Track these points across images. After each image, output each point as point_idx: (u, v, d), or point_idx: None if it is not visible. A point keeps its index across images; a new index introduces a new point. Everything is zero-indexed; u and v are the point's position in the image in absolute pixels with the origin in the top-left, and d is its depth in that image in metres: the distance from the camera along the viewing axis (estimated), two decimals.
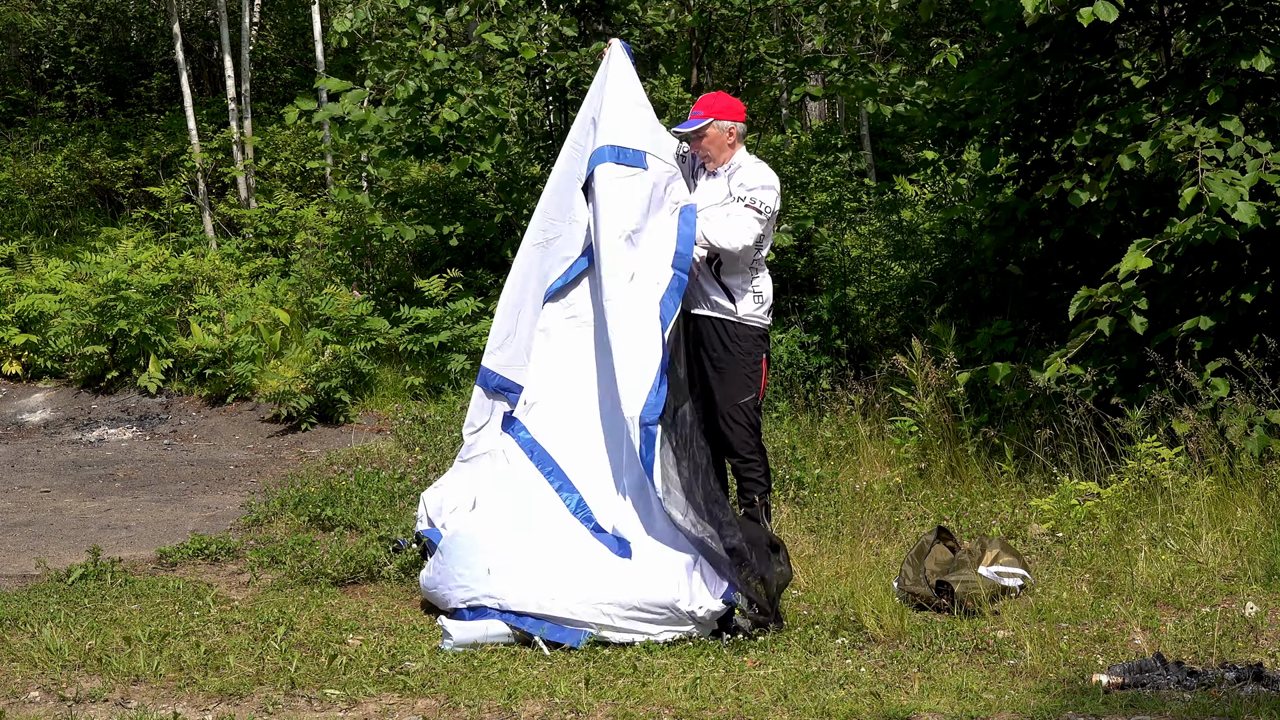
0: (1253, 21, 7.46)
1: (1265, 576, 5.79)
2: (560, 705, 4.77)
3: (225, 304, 10.97)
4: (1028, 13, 6.82)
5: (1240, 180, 6.60)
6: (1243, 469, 6.49)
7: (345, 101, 9.84)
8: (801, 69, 10.55)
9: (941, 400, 7.54)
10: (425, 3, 9.87)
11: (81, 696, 4.86)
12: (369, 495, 7.52)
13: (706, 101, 6.37)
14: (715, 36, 11.07)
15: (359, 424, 9.84)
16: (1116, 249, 7.32)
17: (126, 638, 5.40)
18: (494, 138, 10.07)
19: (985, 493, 7.19)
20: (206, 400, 10.52)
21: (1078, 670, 5.00)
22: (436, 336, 10.10)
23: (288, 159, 13.85)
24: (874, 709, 4.68)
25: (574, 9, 10.83)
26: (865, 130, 13.40)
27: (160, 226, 13.60)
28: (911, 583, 5.88)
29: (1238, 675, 4.78)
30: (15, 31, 15.81)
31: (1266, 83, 7.38)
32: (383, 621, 5.78)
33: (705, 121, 6.29)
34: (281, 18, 16.73)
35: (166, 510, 8.04)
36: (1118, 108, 7.44)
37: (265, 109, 15.27)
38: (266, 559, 6.63)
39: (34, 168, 14.15)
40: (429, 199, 11.30)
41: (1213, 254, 7.31)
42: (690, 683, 4.97)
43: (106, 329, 10.49)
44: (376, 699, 4.86)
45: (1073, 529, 6.46)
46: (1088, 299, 6.89)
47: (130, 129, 15.13)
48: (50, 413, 10.48)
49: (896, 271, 10.10)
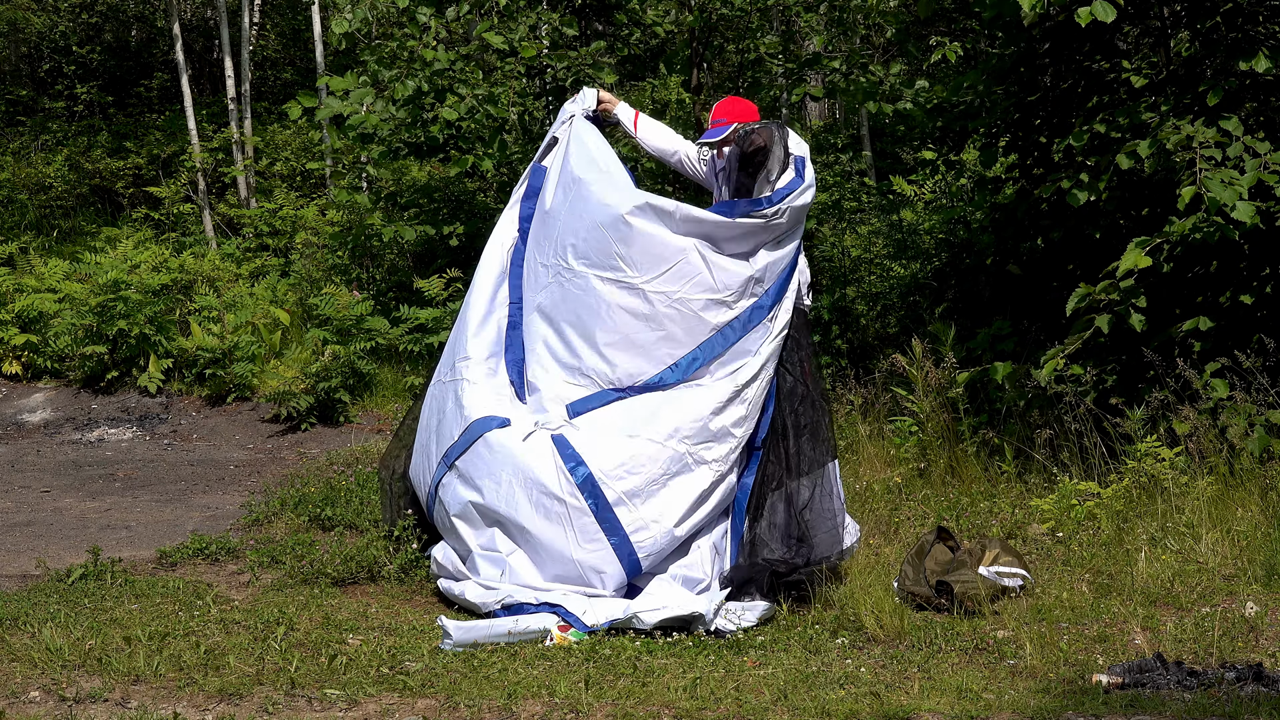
0: (1252, 22, 7.46)
1: (1265, 576, 5.79)
2: (560, 705, 4.77)
3: (225, 304, 10.97)
4: (1025, 12, 6.82)
5: (1239, 180, 6.60)
6: (1243, 469, 6.49)
7: (354, 98, 9.83)
8: (801, 69, 10.55)
9: (941, 400, 7.54)
10: (425, 3, 9.87)
11: (81, 696, 4.86)
12: (369, 495, 7.52)
13: (725, 108, 6.44)
14: (715, 36, 11.06)
15: (359, 424, 9.84)
16: (1116, 249, 7.32)
17: (126, 638, 5.40)
18: (494, 138, 10.07)
19: (985, 493, 7.19)
20: (206, 400, 10.52)
21: (1078, 670, 5.00)
22: (436, 336, 10.09)
23: (288, 159, 13.85)
24: (874, 709, 4.68)
25: (574, 9, 10.83)
26: (865, 130, 13.41)
27: (160, 226, 13.59)
28: (911, 583, 5.88)
29: (1238, 675, 4.78)
30: (16, 31, 15.81)
31: (1266, 83, 7.37)
32: (383, 621, 5.78)
33: (730, 127, 6.34)
34: (282, 18, 16.74)
35: (166, 510, 8.04)
36: (1117, 108, 7.44)
37: (265, 109, 15.27)
38: (266, 559, 6.63)
39: (34, 168, 14.14)
40: (429, 199, 11.30)
41: (1212, 254, 7.31)
42: (690, 683, 4.97)
43: (106, 329, 10.49)
44: (376, 699, 4.86)
45: (1073, 529, 6.46)
46: (1086, 296, 6.89)
47: (130, 129, 15.13)
48: (50, 413, 10.48)
49: (896, 271, 10.10)
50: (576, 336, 6.13)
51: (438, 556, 6.27)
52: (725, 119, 6.36)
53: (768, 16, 11.24)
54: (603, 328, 6.06)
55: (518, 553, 5.93)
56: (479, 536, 6.04)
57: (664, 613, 5.63)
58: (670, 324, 6.00)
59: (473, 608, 5.89)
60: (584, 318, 6.11)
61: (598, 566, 5.82)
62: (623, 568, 5.83)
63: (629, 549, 5.82)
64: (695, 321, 5.99)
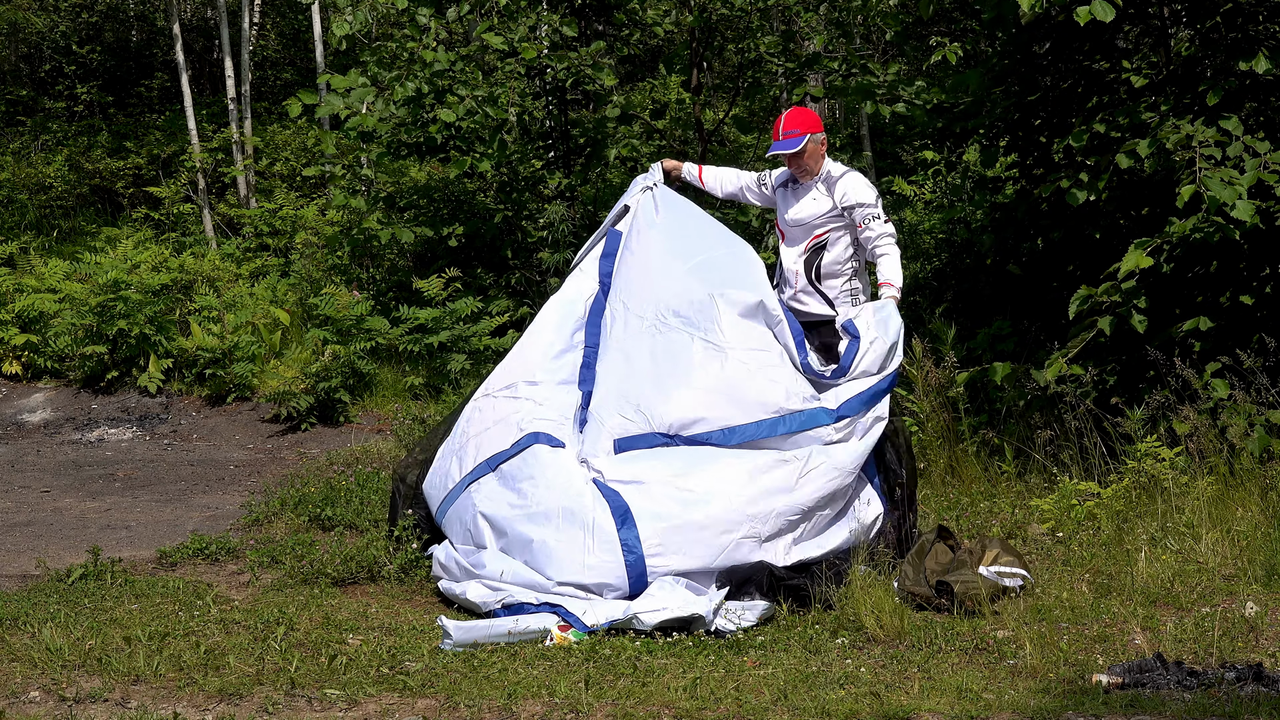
0: (1252, 21, 7.45)
1: (1265, 576, 5.79)
2: (560, 705, 4.77)
3: (225, 304, 10.97)
4: (1023, 11, 6.82)
5: (1239, 179, 6.60)
6: (1243, 469, 6.48)
7: (354, 98, 9.83)
8: (801, 69, 10.55)
9: (941, 400, 7.54)
10: (425, 4, 9.87)
11: (81, 696, 4.86)
12: (369, 495, 7.52)
13: (794, 119, 6.64)
14: (715, 36, 11.07)
15: (359, 424, 9.84)
16: (1116, 249, 7.32)
17: (126, 638, 5.40)
18: (493, 138, 10.07)
19: (985, 493, 7.19)
20: (206, 400, 10.52)
21: (1078, 670, 5.00)
22: (436, 337, 10.10)
23: (288, 159, 13.86)
24: (874, 709, 4.68)
25: (574, 9, 10.83)
26: (865, 130, 13.41)
27: (160, 226, 13.60)
28: (911, 583, 5.88)
29: (1238, 675, 4.78)
30: (17, 32, 15.82)
31: (1266, 83, 7.37)
32: (383, 621, 5.78)
33: (805, 138, 6.58)
34: (282, 18, 16.75)
35: (166, 510, 8.04)
36: (1117, 108, 7.44)
37: (265, 109, 15.28)
38: (266, 559, 6.63)
39: (34, 168, 14.15)
40: (429, 199, 11.30)
41: (1212, 254, 7.31)
42: (690, 683, 4.97)
43: (106, 329, 10.50)
44: (376, 699, 4.86)
45: (1073, 529, 6.46)
46: (1088, 298, 6.89)
47: (130, 129, 15.14)
48: (50, 413, 10.48)
49: None
50: (649, 378, 6.35)
51: (439, 557, 6.28)
52: (798, 130, 6.58)
53: (768, 16, 11.24)
54: (676, 373, 6.31)
55: (534, 547, 5.95)
56: (498, 538, 6.12)
57: (664, 613, 5.63)
58: (737, 390, 6.22)
59: (473, 607, 5.89)
60: (664, 364, 6.37)
61: (605, 579, 5.85)
62: (628, 580, 5.86)
63: (641, 569, 5.85)
64: (759, 401, 6.21)
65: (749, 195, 7.11)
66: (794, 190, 6.79)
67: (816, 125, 6.65)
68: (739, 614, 5.71)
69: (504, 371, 6.78)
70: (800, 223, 6.70)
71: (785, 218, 6.78)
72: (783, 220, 6.83)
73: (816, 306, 6.69)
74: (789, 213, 6.75)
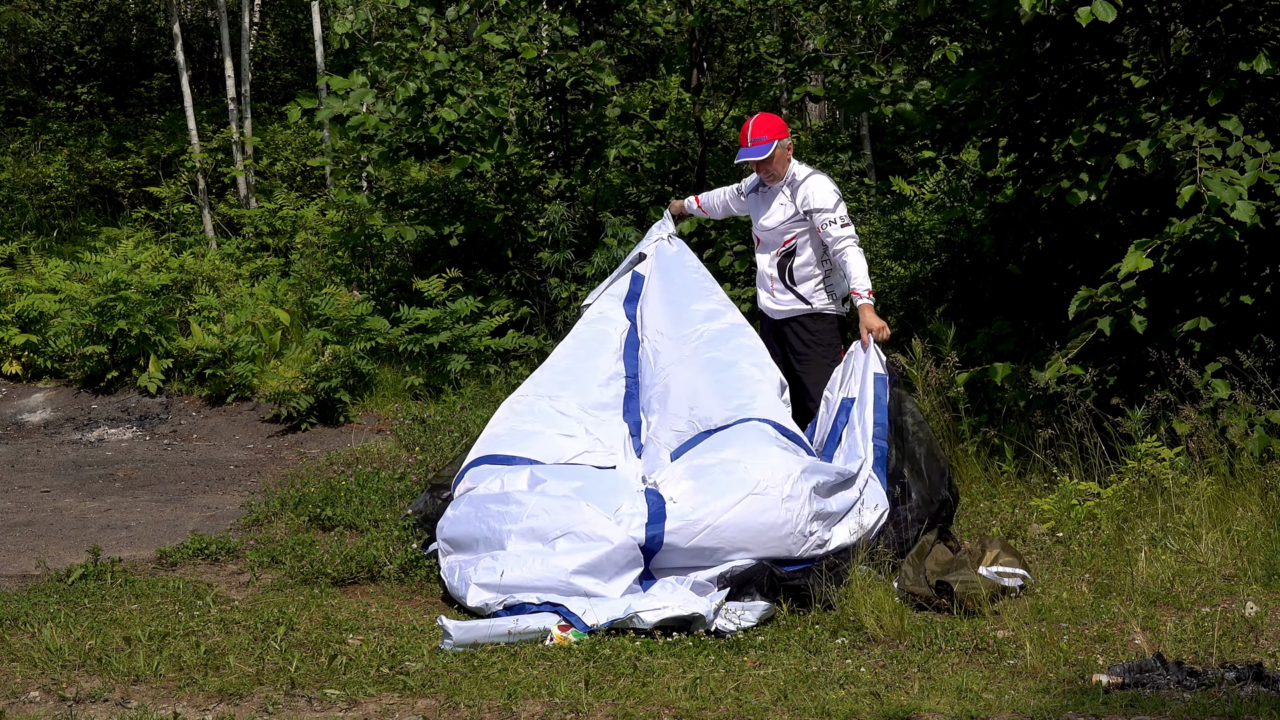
0: (1252, 22, 7.45)
1: (1265, 576, 5.79)
2: (560, 705, 4.77)
3: (225, 304, 10.97)
4: (1024, 11, 6.82)
5: (1239, 179, 6.60)
6: (1243, 469, 6.48)
7: (354, 98, 9.82)
8: (801, 69, 10.55)
9: (942, 400, 7.54)
10: (425, 3, 9.86)
11: (81, 696, 4.86)
12: (369, 495, 7.52)
13: (761, 125, 6.87)
14: (715, 36, 11.06)
15: (359, 424, 9.84)
16: (1116, 249, 7.31)
17: (126, 638, 5.40)
18: (494, 138, 10.07)
19: (985, 493, 7.19)
20: (206, 400, 10.52)
21: (1078, 670, 5.00)
22: (436, 337, 10.10)
23: (288, 159, 13.85)
24: (874, 709, 4.68)
25: (574, 9, 10.82)
26: (865, 130, 13.40)
27: (160, 226, 13.59)
28: (911, 583, 5.88)
29: (1238, 675, 4.78)
30: (17, 32, 15.81)
31: (1266, 83, 7.37)
32: (383, 621, 5.78)
33: (773, 145, 6.84)
34: (282, 18, 16.74)
35: (166, 510, 8.04)
36: (1117, 108, 7.44)
37: (265, 109, 15.27)
38: (266, 559, 6.63)
39: (34, 168, 14.14)
40: (429, 199, 11.30)
41: (1212, 254, 7.31)
42: (690, 683, 4.97)
43: (106, 329, 10.49)
44: (376, 699, 4.86)
45: (1073, 529, 6.46)
46: (1088, 298, 6.90)
47: (130, 129, 15.13)
48: (50, 413, 10.48)
49: (897, 271, 10.10)
50: (706, 385, 6.66)
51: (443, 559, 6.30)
52: (767, 137, 6.81)
53: (768, 16, 11.23)
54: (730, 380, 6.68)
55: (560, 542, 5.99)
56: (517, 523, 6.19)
57: (664, 613, 5.63)
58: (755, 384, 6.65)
59: (475, 611, 5.89)
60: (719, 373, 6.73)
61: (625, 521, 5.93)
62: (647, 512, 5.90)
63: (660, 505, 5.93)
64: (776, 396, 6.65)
65: (734, 207, 7.43)
66: (763, 196, 7.05)
67: (783, 130, 6.87)
68: (739, 614, 5.71)
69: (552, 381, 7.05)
70: (770, 229, 7.00)
71: (757, 224, 7.10)
72: (756, 226, 7.14)
73: (790, 304, 7.03)
74: (760, 220, 7.04)
